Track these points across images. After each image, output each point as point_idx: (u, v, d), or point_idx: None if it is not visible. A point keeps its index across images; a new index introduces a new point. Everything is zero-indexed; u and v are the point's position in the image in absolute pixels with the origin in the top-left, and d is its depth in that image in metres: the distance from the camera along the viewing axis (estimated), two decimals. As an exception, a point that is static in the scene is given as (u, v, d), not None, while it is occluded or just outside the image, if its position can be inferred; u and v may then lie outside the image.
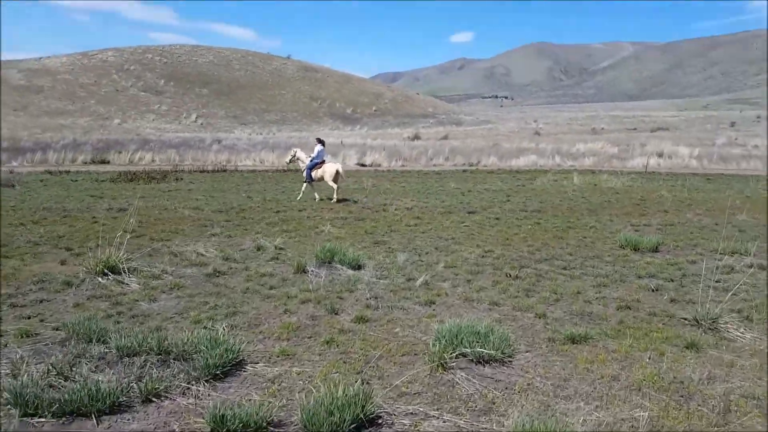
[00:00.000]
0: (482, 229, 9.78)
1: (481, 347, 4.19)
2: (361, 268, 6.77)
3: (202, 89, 70.96)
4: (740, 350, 4.42)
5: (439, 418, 3.39)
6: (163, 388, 3.54)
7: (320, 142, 13.52)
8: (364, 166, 24.06)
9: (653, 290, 6.07)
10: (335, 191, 12.84)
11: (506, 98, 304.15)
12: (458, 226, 10.01)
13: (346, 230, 9.39)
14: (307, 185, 13.13)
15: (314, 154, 13.15)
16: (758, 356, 4.30)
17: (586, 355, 4.28)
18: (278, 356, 4.21)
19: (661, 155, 28.65)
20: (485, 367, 4.09)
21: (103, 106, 58.71)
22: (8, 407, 3.26)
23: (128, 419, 3.27)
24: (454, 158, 26.58)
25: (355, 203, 12.68)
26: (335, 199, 12.74)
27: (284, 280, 6.26)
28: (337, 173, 12.74)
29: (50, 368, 3.68)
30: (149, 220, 9.85)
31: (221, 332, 4.32)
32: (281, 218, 10.47)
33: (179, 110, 62.85)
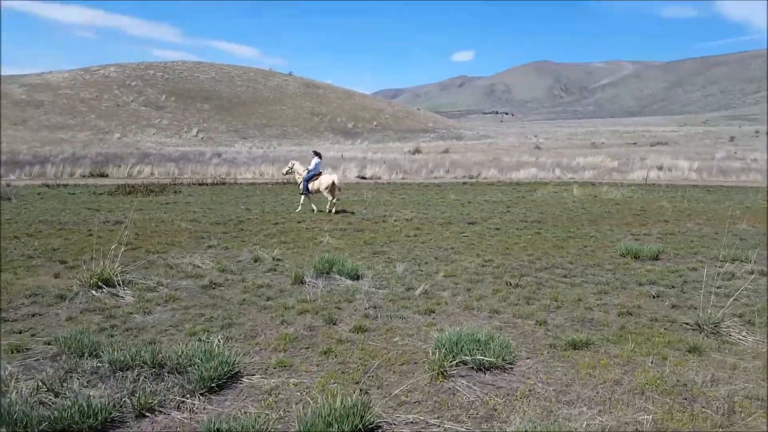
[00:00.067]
0: (482, 239, 9.75)
1: (481, 355, 4.14)
2: (359, 278, 6.72)
3: (203, 104, 71.62)
4: (743, 353, 4.36)
5: (440, 426, 3.33)
6: (156, 402, 3.45)
7: (317, 154, 13.66)
8: (364, 178, 24.11)
9: (654, 296, 6.03)
10: (332, 203, 12.90)
11: (507, 114, 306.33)
12: (458, 236, 9.98)
13: (345, 241, 9.37)
14: (305, 197, 13.18)
15: (311, 166, 13.26)
16: (761, 359, 4.24)
17: (587, 360, 4.23)
18: (275, 368, 4.14)
19: (660, 168, 28.70)
20: (486, 374, 4.03)
21: (103, 120, 59.20)
22: (-5, 426, 3.18)
23: (121, 434, 3.21)
24: (454, 171, 26.65)
25: (354, 215, 12.68)
26: (333, 210, 12.76)
27: (282, 291, 6.21)
28: (332, 184, 12.79)
29: (40, 384, 3.58)
30: (146, 232, 9.82)
31: (216, 344, 4.25)
32: (279, 230, 10.44)
33: (180, 125, 63.35)
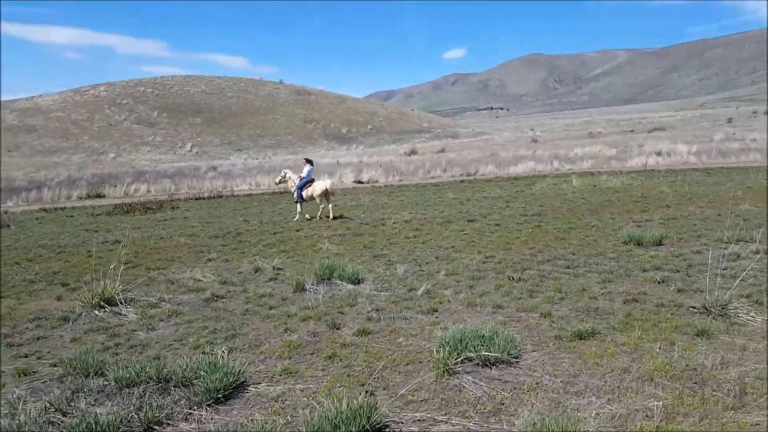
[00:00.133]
0: (482, 235, 9.70)
1: (486, 350, 4.10)
2: (361, 282, 6.69)
3: (195, 118, 71.76)
4: (752, 334, 4.30)
5: (447, 422, 3.29)
6: (164, 415, 3.45)
7: (308, 161, 13.73)
8: (360, 183, 24.07)
9: (659, 282, 5.97)
10: (325, 209, 12.93)
11: (501, 109, 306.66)
12: (458, 234, 9.93)
13: (344, 246, 9.33)
14: (299, 205, 13.18)
15: (303, 173, 13.29)
16: (771, 339, 4.18)
17: (594, 350, 4.17)
18: (281, 375, 4.12)
19: (659, 154, 28.62)
20: (492, 369, 3.99)
21: (97, 141, 59.31)
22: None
23: (128, 449, 3.17)
24: (451, 170, 26.60)
25: (352, 220, 12.64)
26: (331, 216, 12.74)
27: (284, 299, 6.18)
28: (326, 190, 12.78)
29: (48, 405, 3.61)
30: (145, 250, 9.80)
31: (221, 355, 4.24)
32: (278, 239, 10.41)
33: (174, 140, 63.45)
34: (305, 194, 13.03)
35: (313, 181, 13.19)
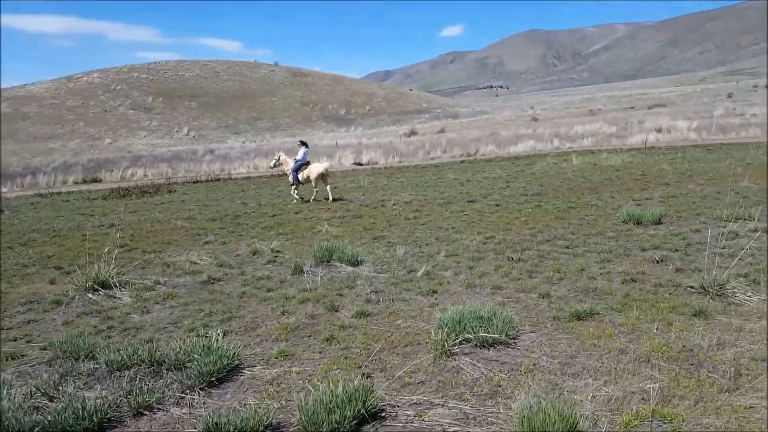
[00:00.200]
0: (482, 216, 9.68)
1: (484, 331, 4.10)
2: (360, 264, 6.68)
3: (191, 103, 71.09)
4: (748, 314, 4.31)
5: (444, 405, 3.31)
6: (155, 399, 3.44)
7: (303, 144, 13.60)
8: (360, 165, 23.93)
9: (658, 261, 5.96)
10: (324, 191, 12.86)
11: (501, 87, 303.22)
12: (458, 215, 9.91)
13: (344, 228, 9.31)
14: (295, 188, 13.10)
15: (299, 156, 13.18)
16: (766, 318, 4.18)
17: (592, 330, 4.18)
18: (276, 357, 4.11)
19: (659, 130, 28.37)
20: (490, 350, 4.00)
21: (92, 127, 58.84)
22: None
23: (120, 434, 3.19)
24: (451, 150, 26.41)
25: (352, 202, 12.59)
26: (330, 198, 12.70)
27: (282, 281, 6.18)
28: (323, 173, 12.69)
29: (34, 390, 3.54)
30: (141, 233, 9.77)
31: (215, 338, 4.23)
32: (277, 222, 10.38)
33: (170, 125, 62.98)
34: (301, 177, 12.94)
35: (308, 163, 13.08)
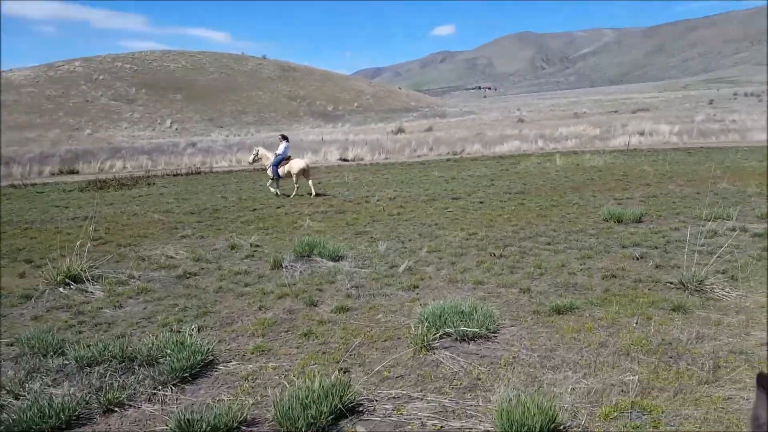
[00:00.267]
0: (466, 213, 9.66)
1: (465, 326, 4.06)
2: (341, 259, 6.59)
3: (175, 95, 69.99)
4: (726, 309, 4.33)
5: (422, 399, 3.25)
6: (126, 396, 3.32)
7: (284, 138, 13.37)
8: (346, 161, 23.80)
9: (638, 258, 5.99)
10: (307, 186, 12.71)
11: (489, 89, 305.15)
12: (442, 212, 9.88)
13: (326, 224, 9.20)
14: (274, 182, 12.92)
15: (279, 150, 12.95)
16: (744, 313, 4.21)
17: (572, 324, 4.16)
18: (252, 353, 4.01)
19: (642, 133, 28.78)
20: (470, 344, 3.96)
21: (72, 117, 57.50)
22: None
23: (87, 432, 3.06)
24: (438, 148, 26.43)
25: (335, 197, 12.48)
26: (313, 193, 12.58)
27: (260, 276, 6.06)
28: (303, 169, 12.55)
29: None
30: (117, 226, 9.53)
31: (189, 333, 4.11)
32: (257, 216, 10.22)
33: (153, 117, 61.93)
34: (281, 172, 12.75)
35: (289, 158, 12.89)
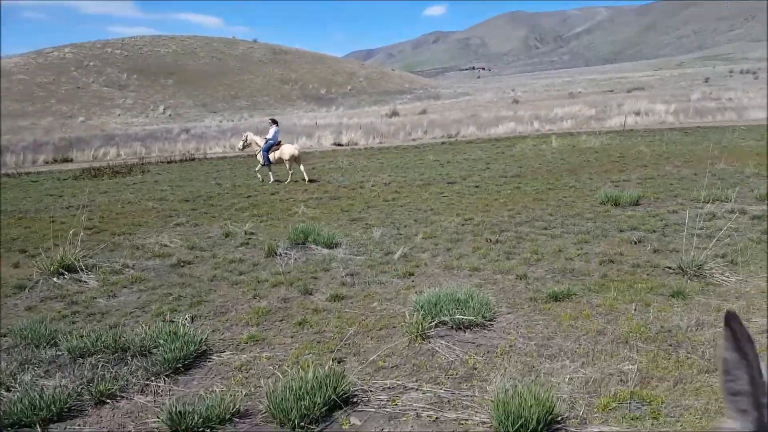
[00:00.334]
0: (462, 198, 9.57)
1: (460, 314, 3.99)
2: (336, 246, 6.50)
3: (167, 80, 68.85)
4: (726, 294, 4.28)
5: (418, 389, 3.19)
6: (118, 387, 3.27)
7: (274, 122, 13.09)
8: (340, 145, 23.55)
9: (636, 242, 5.93)
10: (300, 172, 12.52)
11: (483, 69, 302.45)
12: (437, 197, 9.78)
13: (320, 210, 9.09)
14: (264, 168, 12.71)
15: (269, 135, 12.69)
16: (744, 299, 4.16)
17: (569, 311, 4.10)
18: (246, 343, 3.96)
19: (638, 113, 28.59)
20: (466, 332, 3.90)
21: (64, 104, 56.55)
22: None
23: (79, 425, 2.99)
24: (432, 131, 26.18)
25: (330, 183, 12.34)
26: (306, 178, 12.42)
27: (255, 264, 5.98)
28: (294, 155, 12.35)
29: None
30: (111, 215, 9.41)
31: (182, 323, 4.04)
32: (252, 203, 10.10)
33: (146, 103, 61.01)
34: (272, 157, 12.53)
35: (280, 143, 12.65)
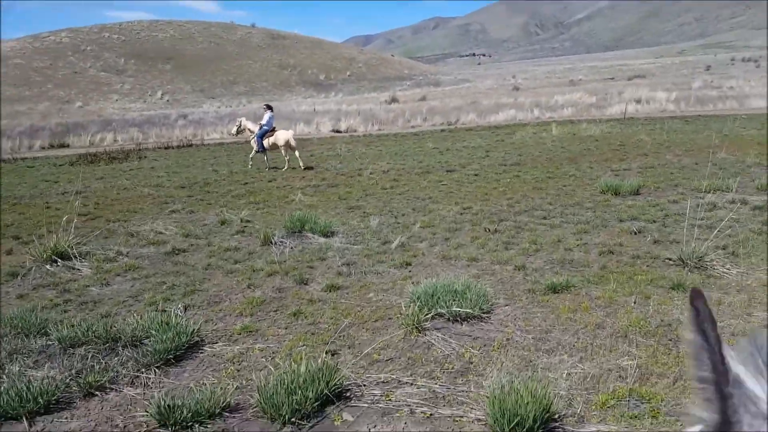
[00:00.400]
0: (461, 186, 9.46)
1: (457, 305, 3.93)
2: (333, 234, 6.43)
3: (165, 65, 68.09)
4: (727, 287, 4.21)
5: (412, 384, 3.13)
6: (107, 379, 3.21)
7: (269, 108, 12.87)
8: (339, 132, 23.34)
9: (636, 233, 5.85)
10: (295, 159, 12.37)
11: (483, 56, 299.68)
12: (436, 185, 9.67)
13: (318, 198, 8.99)
14: (259, 154, 12.53)
15: (263, 121, 12.49)
16: (745, 292, 4.10)
17: (568, 304, 4.04)
18: (240, 333, 3.89)
19: (639, 101, 28.36)
20: (463, 325, 3.84)
21: (62, 89, 55.96)
22: None
23: (66, 418, 2.93)
24: (432, 118, 25.94)
25: (328, 170, 12.22)
26: (302, 165, 12.28)
27: (250, 253, 5.90)
28: (289, 141, 12.19)
29: None
30: (106, 201, 9.32)
31: (174, 313, 3.97)
32: (248, 190, 9.99)
33: (143, 88, 60.40)
34: (266, 144, 12.36)
35: (274, 129, 12.45)
